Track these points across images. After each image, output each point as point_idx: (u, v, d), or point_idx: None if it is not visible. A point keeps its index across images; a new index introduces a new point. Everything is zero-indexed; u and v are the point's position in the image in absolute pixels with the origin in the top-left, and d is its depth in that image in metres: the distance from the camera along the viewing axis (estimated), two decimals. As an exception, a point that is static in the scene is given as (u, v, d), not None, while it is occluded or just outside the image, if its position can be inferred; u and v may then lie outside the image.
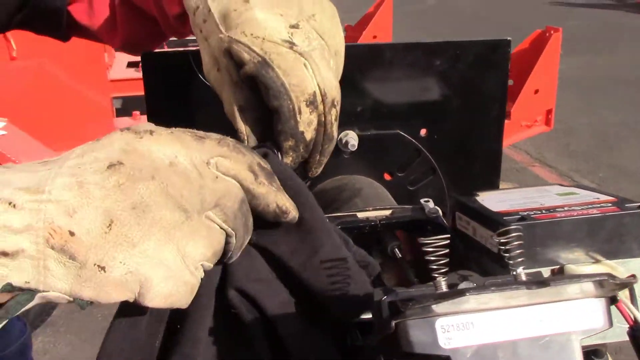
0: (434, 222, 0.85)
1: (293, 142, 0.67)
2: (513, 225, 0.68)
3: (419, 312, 0.45)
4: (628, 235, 0.69)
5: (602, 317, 0.49)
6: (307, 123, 0.67)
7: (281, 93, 0.65)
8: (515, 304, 0.47)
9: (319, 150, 0.71)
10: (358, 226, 0.85)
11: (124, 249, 0.46)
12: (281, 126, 0.66)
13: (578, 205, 0.73)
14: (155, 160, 0.50)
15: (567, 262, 0.69)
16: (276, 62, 0.66)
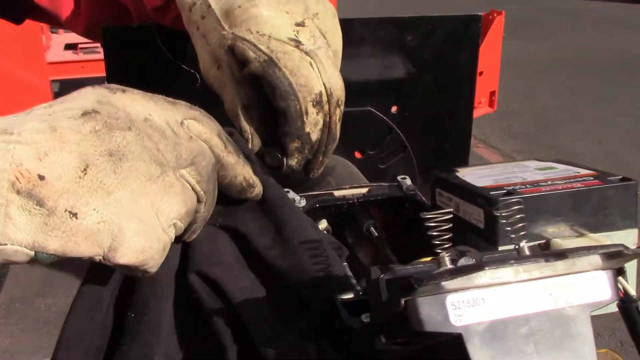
0: (412, 199, 0.84)
1: (299, 144, 0.66)
2: (501, 198, 0.67)
3: (432, 288, 0.43)
4: (612, 208, 0.69)
5: (610, 290, 0.48)
6: (314, 124, 0.65)
7: (288, 93, 0.62)
8: (525, 277, 0.45)
9: (322, 151, 0.69)
10: (336, 204, 0.83)
11: (99, 196, 0.44)
12: (287, 127, 0.64)
13: (560, 180, 0.73)
14: (131, 113, 0.49)
15: (552, 236, 0.69)
16: (283, 61, 0.63)
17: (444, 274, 0.42)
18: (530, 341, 0.45)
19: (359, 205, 0.84)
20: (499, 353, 0.45)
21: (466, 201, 0.72)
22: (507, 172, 0.78)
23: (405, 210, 0.85)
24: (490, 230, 0.67)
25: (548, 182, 0.72)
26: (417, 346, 0.50)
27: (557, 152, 4.73)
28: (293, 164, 0.68)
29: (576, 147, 4.82)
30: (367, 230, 0.86)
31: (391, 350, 0.53)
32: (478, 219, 0.70)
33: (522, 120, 5.45)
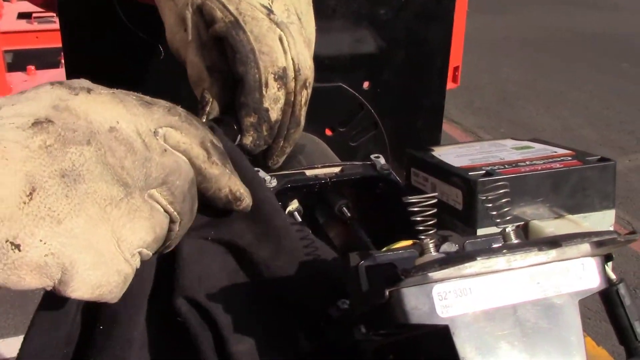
0: (386, 178, 0.81)
1: (255, 119, 0.60)
2: (480, 179, 0.64)
3: (418, 279, 0.41)
4: (590, 189, 0.68)
5: (599, 277, 0.46)
6: (274, 99, 0.60)
7: (249, 59, 0.58)
8: (516, 265, 0.43)
9: (283, 135, 0.64)
10: (308, 184, 0.80)
11: (47, 225, 0.38)
12: (244, 98, 0.59)
13: (539, 159, 0.71)
14: (93, 122, 0.42)
15: (531, 217, 0.67)
16: (249, 25, 0.59)
17: (434, 264, 0.39)
18: (517, 332, 0.44)
19: (331, 185, 0.81)
20: (486, 344, 0.43)
21: (443, 182, 0.70)
22: (484, 151, 0.76)
23: (379, 190, 0.83)
24: (469, 212, 0.65)
25: (526, 162, 0.70)
26: (399, 337, 0.48)
27: (518, 127, 4.78)
28: (247, 142, 0.61)
29: (536, 122, 4.88)
30: (339, 210, 0.83)
31: (370, 340, 0.50)
32: (456, 200, 0.68)
33: (484, 95, 5.48)
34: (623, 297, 0.56)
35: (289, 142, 0.66)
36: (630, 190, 3.83)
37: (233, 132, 0.61)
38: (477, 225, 0.64)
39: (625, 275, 3.05)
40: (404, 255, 0.52)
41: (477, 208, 0.64)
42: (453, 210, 0.68)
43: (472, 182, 0.64)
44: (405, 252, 0.52)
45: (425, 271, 0.39)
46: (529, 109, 5.22)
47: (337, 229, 0.89)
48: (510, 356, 0.42)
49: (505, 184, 0.50)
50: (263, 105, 0.60)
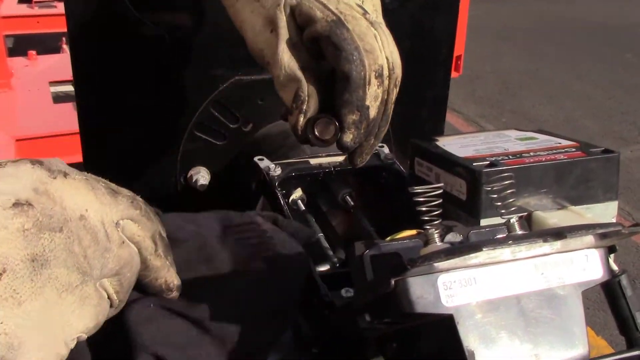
0: (390, 168, 0.82)
1: (357, 117, 0.60)
2: (485, 170, 0.65)
3: (424, 269, 0.41)
4: (594, 180, 0.68)
5: (602, 268, 0.46)
6: (374, 97, 0.60)
7: (354, 57, 0.57)
8: (521, 256, 0.44)
9: (374, 133, 0.63)
10: (312, 173, 0.80)
11: (7, 306, 0.40)
12: (348, 95, 0.59)
13: (543, 151, 0.71)
14: (67, 209, 0.45)
15: (535, 208, 0.67)
16: (351, 24, 0.58)
17: (439, 254, 0.40)
18: (521, 322, 0.44)
19: (335, 174, 0.82)
20: (489, 334, 0.43)
21: (447, 172, 0.71)
22: (488, 142, 0.76)
23: (382, 179, 0.83)
24: (473, 202, 0.65)
25: (531, 153, 0.70)
26: (404, 325, 0.49)
27: (520, 117, 4.77)
28: (348, 140, 0.61)
29: (538, 112, 4.87)
30: (342, 199, 0.84)
31: (375, 328, 0.51)
32: (460, 191, 0.68)
33: (486, 84, 5.47)
34: (625, 289, 0.57)
35: (378, 139, 0.65)
36: (631, 181, 3.83)
37: (331, 130, 0.60)
38: (481, 215, 0.65)
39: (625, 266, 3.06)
40: (409, 245, 0.53)
41: (481, 199, 0.64)
42: (457, 201, 0.69)
43: (477, 173, 0.65)
44: (411, 241, 0.53)
45: (432, 261, 0.40)
46: (531, 98, 5.21)
47: (340, 217, 0.89)
48: (513, 346, 0.43)
49: (510, 174, 0.51)
50: (365, 102, 0.60)
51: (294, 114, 0.62)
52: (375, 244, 0.52)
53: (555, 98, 5.23)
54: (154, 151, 0.95)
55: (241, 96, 0.95)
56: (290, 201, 0.82)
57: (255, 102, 0.96)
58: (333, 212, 0.91)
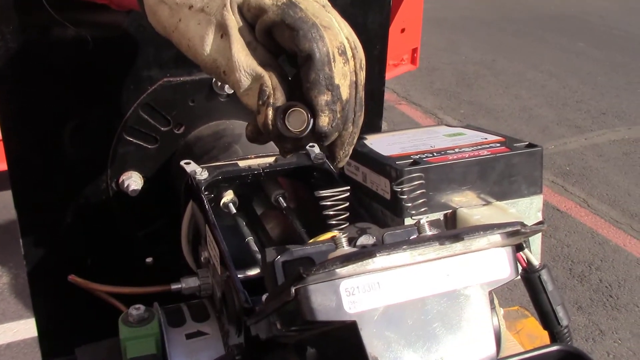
0: (320, 168, 0.81)
1: (329, 97, 0.57)
2: (406, 169, 0.64)
3: (324, 275, 0.40)
4: (517, 175, 0.69)
5: (509, 267, 0.46)
6: (342, 75, 0.57)
7: (313, 33, 0.55)
8: (422, 259, 0.43)
9: (352, 119, 0.60)
10: (240, 175, 0.79)
11: None
12: (315, 74, 0.56)
13: (468, 147, 0.71)
14: None
15: (459, 205, 0.67)
16: (303, 4, 0.57)
17: (334, 261, 0.39)
18: (427, 325, 0.44)
19: (265, 176, 0.81)
20: (395, 338, 0.43)
21: (373, 171, 0.70)
22: (416, 139, 0.76)
23: (313, 179, 0.82)
24: (395, 201, 0.65)
25: (456, 149, 0.70)
26: (313, 332, 0.48)
27: (477, 108, 4.82)
28: (325, 124, 0.57)
29: (495, 102, 4.93)
30: (275, 200, 0.82)
31: (287, 335, 0.50)
32: (384, 190, 0.68)
33: (444, 76, 5.52)
34: (545, 283, 0.57)
35: (357, 127, 0.62)
36: (585, 168, 3.91)
37: (303, 119, 0.57)
38: (404, 214, 0.64)
39: (580, 252, 3.12)
40: (322, 249, 0.52)
41: (403, 197, 0.64)
42: (382, 200, 0.68)
43: (398, 171, 0.64)
44: (323, 245, 0.52)
45: (327, 269, 0.39)
46: (488, 89, 5.27)
47: (274, 219, 0.88)
48: (418, 349, 0.43)
49: (419, 175, 0.50)
50: (334, 81, 0.57)
51: (261, 111, 0.58)
52: (287, 250, 0.52)
53: (511, 88, 5.30)
54: (83, 156, 0.93)
55: (171, 98, 0.93)
56: (221, 204, 0.81)
57: (186, 104, 0.94)
58: (268, 214, 0.90)
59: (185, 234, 0.84)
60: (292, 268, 0.50)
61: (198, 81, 0.93)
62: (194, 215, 0.82)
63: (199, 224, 0.80)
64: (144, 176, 0.95)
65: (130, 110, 0.91)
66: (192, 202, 0.80)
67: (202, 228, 0.77)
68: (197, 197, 0.77)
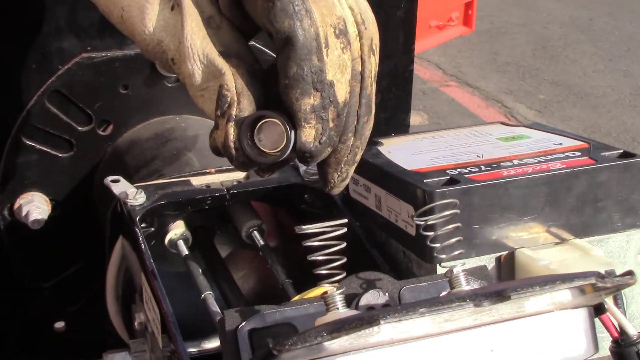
0: (312, 188, 0.82)
1: (317, 99, 0.57)
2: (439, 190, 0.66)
3: (303, 352, 0.42)
4: (607, 199, 0.70)
5: (584, 338, 0.48)
6: (339, 67, 0.58)
7: (296, 6, 0.56)
8: (453, 327, 0.45)
9: (352, 128, 0.61)
10: (195, 199, 0.81)
11: None
12: (295, 67, 0.56)
13: (533, 156, 0.73)
14: None
15: (518, 244, 0.69)
16: None
17: (320, 331, 0.40)
18: None
19: (233, 199, 0.82)
20: None
21: (391, 193, 0.72)
22: (456, 145, 0.77)
23: (304, 204, 0.84)
24: (422, 239, 0.66)
25: (514, 160, 0.72)
26: None
27: (564, 91, 4.84)
28: (309, 138, 0.58)
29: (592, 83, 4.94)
30: (248, 236, 0.84)
31: None
32: (406, 221, 0.69)
33: (514, 43, 5.54)
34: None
35: (360, 139, 0.61)
36: None
37: (280, 132, 0.57)
38: (436, 258, 0.65)
39: None
40: (309, 311, 0.54)
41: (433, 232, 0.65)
42: (404, 236, 0.70)
43: (427, 194, 0.66)
44: (311, 306, 0.54)
45: (308, 341, 0.40)
46: (582, 63, 5.30)
47: (246, 264, 0.90)
48: None
49: (453, 201, 0.52)
50: (326, 76, 0.58)
51: (220, 125, 0.60)
52: (257, 313, 0.53)
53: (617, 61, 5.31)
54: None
55: (93, 82, 0.95)
56: (166, 242, 0.82)
57: (116, 91, 0.96)
58: (237, 255, 0.92)
59: (112, 286, 0.85)
60: (262, 339, 0.52)
61: (133, 58, 0.95)
62: (125, 259, 0.84)
63: (132, 272, 0.82)
64: (52, 199, 0.97)
65: (31, 102, 0.93)
66: (123, 239, 0.82)
67: (137, 278, 0.79)
68: (129, 232, 0.79)
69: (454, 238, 0.51)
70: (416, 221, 0.55)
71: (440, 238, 0.52)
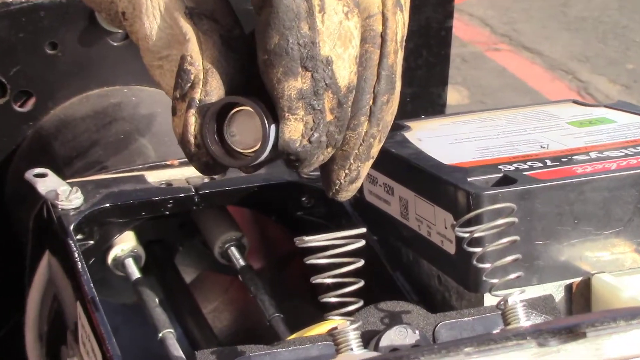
0: (316, 189, 0.83)
1: (306, 82, 0.58)
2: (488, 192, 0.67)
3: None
4: None
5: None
6: (340, 36, 0.59)
7: None
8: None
9: (363, 118, 0.62)
10: (151, 201, 0.83)
11: None
12: (277, 35, 0.57)
13: (618, 147, 0.74)
14: None
15: (597, 268, 0.70)
16: None
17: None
18: None
19: (202, 202, 0.83)
20: None
21: (421, 196, 0.73)
22: (513, 130, 0.79)
23: (301, 210, 0.85)
24: (465, 258, 0.67)
25: (591, 153, 0.73)
26: None
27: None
28: (294, 135, 0.59)
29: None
30: (222, 254, 0.85)
31: None
32: (443, 235, 0.71)
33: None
34: None
35: (378, 125, 0.62)
36: None
37: (259, 123, 0.57)
38: (483, 286, 0.67)
39: None
40: (311, 354, 0.55)
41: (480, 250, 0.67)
42: (439, 255, 0.71)
43: (472, 197, 0.67)
44: (314, 346, 0.55)
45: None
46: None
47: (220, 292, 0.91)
48: None
49: (510, 206, 0.53)
50: (319, 49, 0.60)
51: (177, 110, 0.61)
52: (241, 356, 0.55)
53: None
54: None
55: (9, 39, 0.96)
56: (110, 261, 0.84)
57: (40, 52, 0.97)
58: (208, 280, 0.93)
59: (34, 320, 0.86)
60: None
61: (64, 5, 0.96)
62: (51, 283, 0.85)
63: (62, 301, 0.83)
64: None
65: None
66: (50, 255, 0.83)
67: (70, 309, 0.80)
68: (59, 245, 0.80)
69: (510, 256, 0.53)
70: (457, 233, 0.56)
71: (490, 256, 0.54)
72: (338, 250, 0.50)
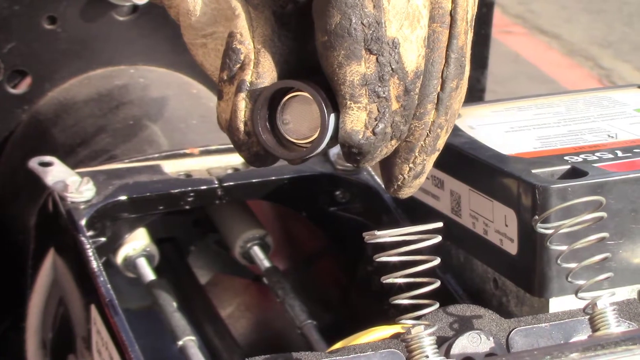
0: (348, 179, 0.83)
1: (372, 67, 0.59)
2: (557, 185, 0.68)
3: None
4: None
5: None
6: (407, 16, 0.59)
7: None
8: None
9: (430, 106, 0.62)
10: (169, 195, 0.83)
11: None
12: (339, 14, 0.58)
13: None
14: None
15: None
16: None
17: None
18: None
19: (226, 195, 0.83)
20: None
21: (476, 190, 0.73)
22: (575, 117, 0.79)
23: (334, 205, 0.85)
24: (531, 259, 0.68)
25: (667, 143, 0.74)
26: None
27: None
28: (355, 126, 0.59)
29: None
30: (243, 253, 0.85)
31: None
32: (503, 234, 0.71)
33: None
34: None
35: (446, 115, 0.63)
36: None
37: (317, 110, 0.57)
38: (552, 290, 0.67)
39: None
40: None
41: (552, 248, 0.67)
42: (499, 256, 0.72)
43: (539, 190, 0.68)
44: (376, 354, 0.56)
45: None
46: None
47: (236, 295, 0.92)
48: None
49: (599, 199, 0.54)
50: (386, 30, 0.60)
51: (224, 94, 0.62)
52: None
53: None
54: None
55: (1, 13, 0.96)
56: (119, 261, 0.84)
57: (37, 27, 0.97)
58: (228, 283, 0.93)
59: (37, 326, 0.86)
60: None
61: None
62: (57, 285, 0.85)
63: (69, 305, 0.83)
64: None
65: None
66: (56, 254, 0.83)
67: (79, 314, 0.80)
68: (68, 243, 0.80)
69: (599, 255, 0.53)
70: (539, 229, 0.56)
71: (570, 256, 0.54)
72: (416, 246, 0.50)
